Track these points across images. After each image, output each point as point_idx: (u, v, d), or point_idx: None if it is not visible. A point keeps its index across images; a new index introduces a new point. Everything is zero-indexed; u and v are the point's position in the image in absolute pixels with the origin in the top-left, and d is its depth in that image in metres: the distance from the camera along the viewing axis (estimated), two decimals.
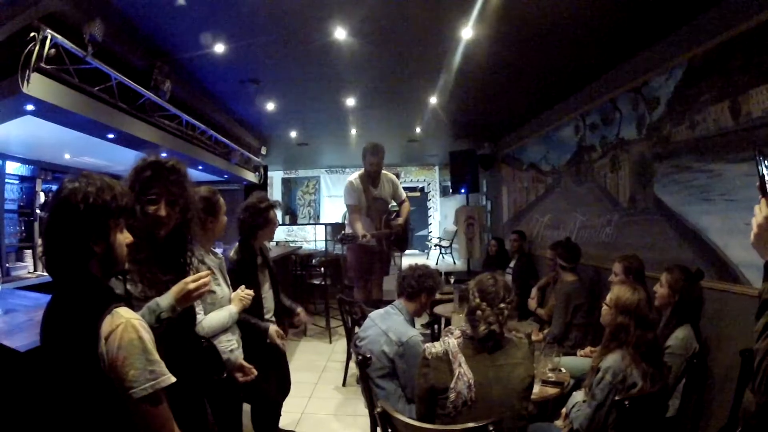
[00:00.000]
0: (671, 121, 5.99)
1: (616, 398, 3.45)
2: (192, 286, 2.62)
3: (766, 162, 1.89)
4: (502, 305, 3.31)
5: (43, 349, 2.09)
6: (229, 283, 4.19)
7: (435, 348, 3.34)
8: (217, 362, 3.52)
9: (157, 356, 1.98)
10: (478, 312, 3.29)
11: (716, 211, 5.17)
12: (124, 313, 1.96)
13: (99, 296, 2.01)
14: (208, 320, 3.76)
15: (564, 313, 6.39)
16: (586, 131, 8.52)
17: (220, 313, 3.87)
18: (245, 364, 3.90)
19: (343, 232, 8.11)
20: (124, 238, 2.15)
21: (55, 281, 2.09)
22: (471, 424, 2.91)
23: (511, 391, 3.17)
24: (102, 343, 1.88)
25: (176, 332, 2.63)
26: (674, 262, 5.24)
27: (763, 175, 1.89)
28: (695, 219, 5.56)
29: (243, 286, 4.19)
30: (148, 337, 1.98)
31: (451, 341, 3.33)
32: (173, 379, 2.01)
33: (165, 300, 2.55)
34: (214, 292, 3.89)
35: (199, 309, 3.60)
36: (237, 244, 4.84)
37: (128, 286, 2.50)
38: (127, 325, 1.92)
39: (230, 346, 3.96)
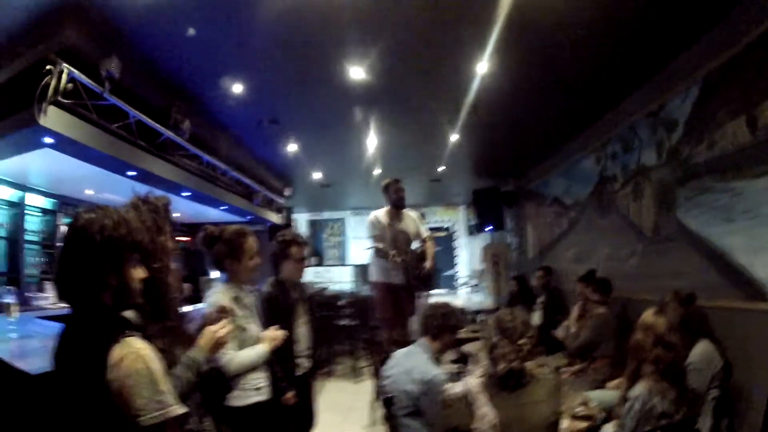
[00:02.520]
0: (690, 142, 6.01)
1: (646, 429, 3.40)
2: (220, 333, 2.72)
3: None
4: (521, 341, 3.25)
5: (54, 374, 2.09)
6: (260, 321, 4.22)
7: (455, 389, 3.34)
8: (222, 385, 3.56)
9: (165, 387, 1.99)
10: (498, 349, 3.25)
11: (740, 230, 5.17)
12: (133, 342, 1.98)
13: (110, 325, 2.03)
14: (239, 358, 3.79)
15: (590, 335, 6.50)
16: (607, 161, 8.55)
17: (249, 351, 3.89)
18: None
19: (374, 247, 8.08)
20: (138, 273, 2.17)
21: (70, 307, 2.11)
22: None
23: (535, 430, 3.13)
24: (110, 372, 1.89)
25: None
26: (700, 288, 5.29)
27: None
28: (719, 240, 5.55)
29: (275, 326, 4.21)
30: (157, 367, 1.99)
31: (471, 381, 3.32)
32: (182, 410, 2.02)
33: (198, 353, 2.64)
34: (245, 329, 3.93)
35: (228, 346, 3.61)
36: (272, 278, 4.96)
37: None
38: (136, 354, 1.94)
39: (258, 383, 3.99)
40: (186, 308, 3.30)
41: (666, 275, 6.42)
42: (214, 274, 4.61)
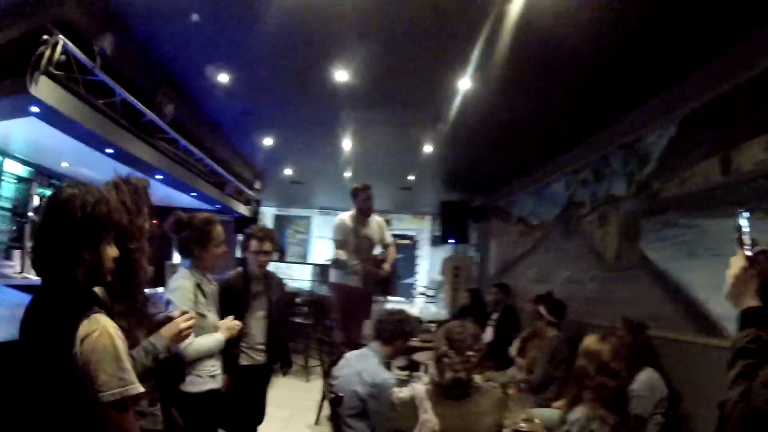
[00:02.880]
0: (661, 177, 6.12)
1: None
2: (183, 326, 2.80)
3: (744, 215, 2.00)
4: (469, 353, 3.30)
5: (21, 344, 2.13)
6: (218, 311, 4.28)
7: (402, 393, 3.38)
8: (178, 372, 3.60)
9: (128, 365, 2.03)
10: (445, 359, 3.30)
11: (702, 267, 5.25)
12: (101, 319, 2.01)
13: (80, 300, 2.06)
14: (196, 344, 3.84)
15: (548, 366, 6.38)
16: (576, 187, 8.67)
17: (207, 338, 3.95)
18: None
19: (334, 257, 8.13)
20: (112, 251, 2.21)
21: (41, 280, 2.14)
22: None
23: None
24: (78, 345, 1.93)
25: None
26: (656, 318, 5.53)
27: (740, 227, 1.99)
28: (679, 274, 5.65)
29: (232, 316, 4.27)
30: (121, 345, 2.03)
31: (418, 387, 3.36)
32: (141, 389, 2.06)
33: (160, 341, 2.70)
34: (205, 316, 3.99)
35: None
36: (237, 269, 5.11)
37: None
38: (103, 330, 1.97)
39: (213, 371, 4.08)
40: (149, 290, 3.31)
41: (623, 303, 6.54)
42: (176, 259, 4.63)
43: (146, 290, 2.97)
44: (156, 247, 2.98)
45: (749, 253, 1.98)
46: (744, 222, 2.01)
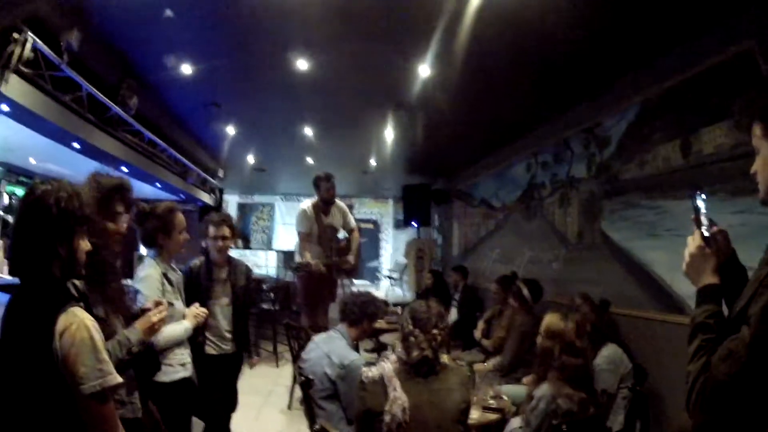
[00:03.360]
0: (621, 159, 6.24)
1: (553, 422, 3.56)
2: (155, 319, 2.89)
3: (701, 197, 2.08)
4: (434, 331, 3.40)
5: (1, 342, 2.17)
6: (184, 299, 4.33)
7: (371, 372, 3.44)
8: (153, 362, 3.67)
9: (106, 356, 2.11)
10: (411, 338, 3.39)
11: (663, 247, 5.38)
12: (78, 312, 2.08)
13: (57, 295, 2.13)
14: (166, 333, 3.81)
15: (517, 350, 6.38)
16: (537, 169, 8.79)
17: (176, 326, 3.99)
18: None
19: (295, 261, 8.21)
20: (85, 245, 2.26)
21: (18, 278, 2.20)
22: None
23: (446, 415, 3.26)
24: (57, 339, 1.99)
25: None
26: (619, 296, 5.71)
27: (697, 207, 2.07)
28: (642, 254, 5.78)
29: (197, 303, 4.31)
30: (98, 337, 2.10)
31: (386, 366, 3.43)
32: (120, 380, 2.13)
33: (134, 335, 2.77)
34: (172, 304, 3.97)
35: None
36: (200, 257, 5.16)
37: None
38: (80, 324, 2.04)
39: (183, 359, 4.13)
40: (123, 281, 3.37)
41: (587, 282, 6.65)
42: (143, 250, 4.66)
43: (120, 280, 3.05)
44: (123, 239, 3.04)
45: (706, 233, 2.05)
46: (701, 203, 2.08)
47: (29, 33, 5.00)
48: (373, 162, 12.62)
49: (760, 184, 1.91)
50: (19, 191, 10.90)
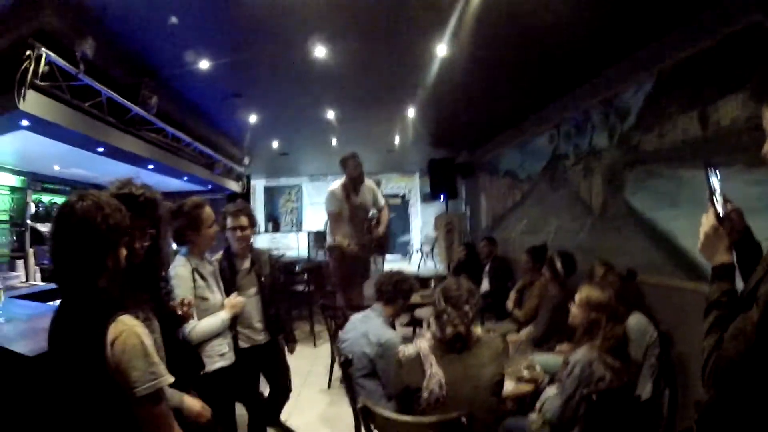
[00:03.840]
0: (641, 130, 6.24)
1: (584, 391, 3.65)
2: (179, 313, 3.03)
3: (716, 174, 2.13)
4: (466, 308, 3.53)
5: (52, 354, 2.33)
6: (223, 290, 4.44)
7: (408, 350, 3.58)
8: (196, 360, 3.81)
9: (156, 359, 2.23)
10: (445, 315, 3.53)
11: (684, 216, 5.40)
12: (127, 320, 2.20)
13: (105, 306, 2.24)
14: (200, 326, 4.00)
15: (549, 321, 6.34)
16: (560, 140, 8.79)
17: (210, 319, 4.10)
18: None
19: (327, 242, 8.31)
20: (123, 252, 2.37)
21: (64, 291, 2.32)
22: (445, 416, 3.14)
23: (481, 388, 3.39)
24: (108, 349, 2.11)
25: (165, 334, 2.88)
26: (645, 265, 5.74)
27: (711, 186, 2.13)
28: (665, 223, 5.80)
29: (235, 293, 4.46)
30: (148, 342, 2.22)
31: (422, 343, 3.58)
32: (171, 379, 2.26)
33: None
34: (206, 299, 4.16)
35: (193, 315, 3.88)
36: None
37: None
38: (130, 332, 2.16)
39: (221, 350, 4.23)
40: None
41: (613, 251, 6.68)
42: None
43: (160, 280, 3.19)
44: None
45: (721, 212, 2.12)
46: (715, 180, 2.14)
47: (42, 48, 5.09)
48: (397, 140, 12.65)
49: None
50: (45, 198, 11.07)
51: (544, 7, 5.31)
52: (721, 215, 2.11)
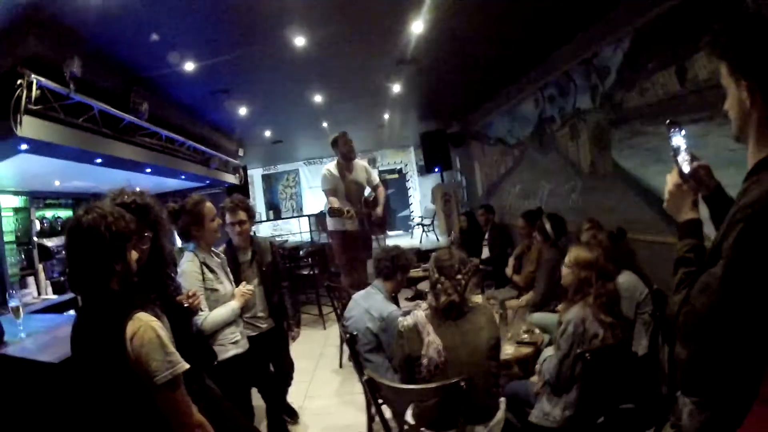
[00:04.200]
0: (622, 88, 6.33)
1: (578, 350, 3.75)
2: (185, 305, 3.19)
3: (680, 133, 2.19)
4: (458, 276, 3.68)
5: (76, 355, 2.51)
6: (232, 279, 4.62)
7: (406, 321, 3.73)
8: (208, 351, 3.99)
9: (172, 348, 2.42)
10: (438, 285, 3.69)
11: (670, 171, 5.46)
12: (143, 317, 2.38)
13: (120, 306, 2.42)
14: (211, 317, 4.20)
15: (547, 283, 6.43)
16: (545, 104, 8.92)
17: (221, 310, 4.29)
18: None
19: (328, 224, 8.43)
20: (134, 255, 2.56)
21: (82, 297, 2.51)
22: (445, 382, 3.30)
23: (478, 353, 3.55)
24: (128, 344, 2.30)
25: (175, 328, 3.04)
26: (636, 222, 5.86)
27: (674, 145, 2.20)
28: (651, 180, 5.93)
29: (244, 283, 4.64)
30: (164, 334, 2.41)
31: (419, 314, 3.73)
32: (187, 366, 2.44)
33: None
34: (216, 290, 4.35)
35: (203, 308, 4.08)
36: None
37: None
38: (146, 326, 2.35)
39: (234, 338, 4.42)
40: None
41: (604, 210, 6.83)
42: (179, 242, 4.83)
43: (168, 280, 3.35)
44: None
45: (686, 169, 2.18)
46: (679, 139, 2.19)
47: (33, 75, 5.20)
48: (387, 116, 12.81)
49: (732, 122, 2.02)
50: (49, 214, 11.20)
51: None
52: (686, 173, 2.18)
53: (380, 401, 3.79)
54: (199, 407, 2.54)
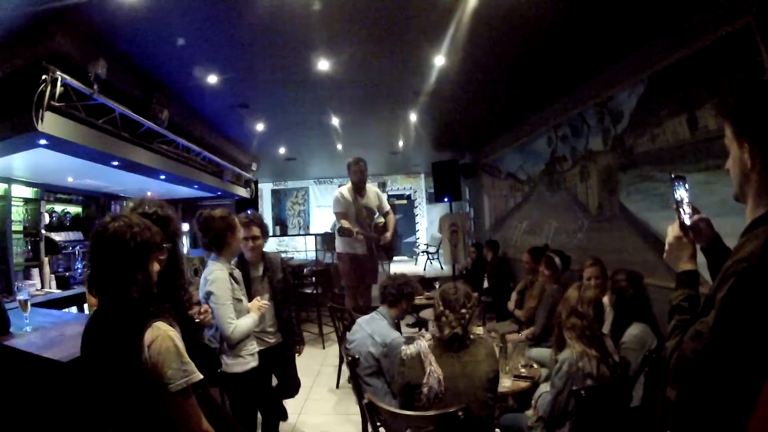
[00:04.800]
0: (634, 133, 6.41)
1: (574, 388, 3.79)
2: (197, 319, 3.27)
3: (684, 186, 2.30)
4: (463, 310, 3.80)
5: (88, 358, 2.59)
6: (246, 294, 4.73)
7: (409, 350, 3.84)
8: (214, 360, 4.09)
9: (188, 359, 2.50)
10: (443, 318, 3.81)
11: (675, 218, 5.50)
12: (161, 326, 2.48)
13: (139, 314, 2.51)
14: (240, 326, 4.32)
15: (547, 318, 6.29)
16: (557, 142, 9.00)
17: (246, 320, 4.41)
18: None
19: (336, 246, 8.52)
20: (155, 267, 2.67)
21: (101, 299, 2.58)
22: (443, 411, 3.39)
23: (476, 384, 3.64)
24: (145, 351, 2.38)
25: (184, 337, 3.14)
26: (641, 265, 5.72)
27: (677, 197, 2.30)
28: (657, 225, 5.99)
29: (259, 297, 4.75)
30: (180, 344, 2.50)
31: (422, 343, 3.83)
32: (201, 376, 2.53)
33: None
34: (240, 300, 4.48)
35: (233, 316, 4.26)
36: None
37: None
38: (164, 335, 2.44)
39: (252, 350, 4.55)
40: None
41: (609, 251, 6.88)
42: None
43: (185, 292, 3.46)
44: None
45: (687, 222, 2.28)
46: (682, 191, 2.30)
47: (58, 72, 5.28)
48: (401, 143, 12.92)
49: (733, 181, 2.08)
50: (58, 208, 11.24)
51: (538, 14, 5.48)
52: (688, 224, 2.29)
53: (378, 424, 3.88)
54: (204, 412, 2.62)
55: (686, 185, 2.30)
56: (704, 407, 1.98)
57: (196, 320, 3.66)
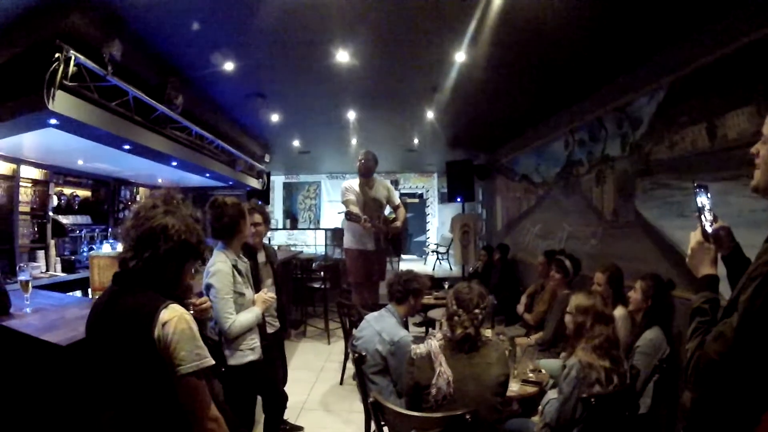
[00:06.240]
0: (652, 140, 6.29)
1: (583, 396, 3.73)
2: (191, 311, 3.24)
3: (706, 194, 2.33)
4: (476, 311, 3.74)
5: (95, 333, 2.56)
6: (253, 286, 4.68)
7: (419, 349, 3.78)
8: (217, 355, 4.02)
9: (202, 343, 2.49)
10: (456, 317, 3.74)
11: (691, 227, 5.36)
12: (177, 308, 2.46)
13: (157, 296, 2.48)
14: (238, 321, 4.25)
15: (558, 323, 6.20)
16: (574, 146, 8.88)
17: (247, 314, 4.34)
18: None
19: (344, 242, 8.47)
20: (188, 276, 2.71)
21: (119, 279, 2.57)
22: (450, 413, 3.32)
23: (486, 387, 3.58)
24: (159, 328, 2.35)
25: None
26: (653, 272, 5.61)
27: (699, 204, 2.33)
28: (672, 233, 5.87)
29: (265, 289, 4.73)
30: (195, 328, 2.48)
31: (433, 343, 3.77)
32: (213, 362, 2.51)
33: None
34: (243, 294, 4.41)
35: (231, 311, 4.20)
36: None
37: None
38: (180, 317, 2.42)
39: (253, 344, 4.48)
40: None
41: (623, 258, 6.73)
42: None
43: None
44: None
45: (708, 229, 2.32)
46: (704, 199, 2.34)
47: (71, 51, 5.20)
48: (416, 140, 12.83)
49: (757, 173, 2.14)
50: (67, 191, 11.24)
51: (559, 15, 5.40)
52: (709, 232, 2.31)
53: (382, 423, 3.79)
54: None
55: (708, 193, 2.34)
56: (723, 409, 1.99)
57: (191, 311, 3.58)
